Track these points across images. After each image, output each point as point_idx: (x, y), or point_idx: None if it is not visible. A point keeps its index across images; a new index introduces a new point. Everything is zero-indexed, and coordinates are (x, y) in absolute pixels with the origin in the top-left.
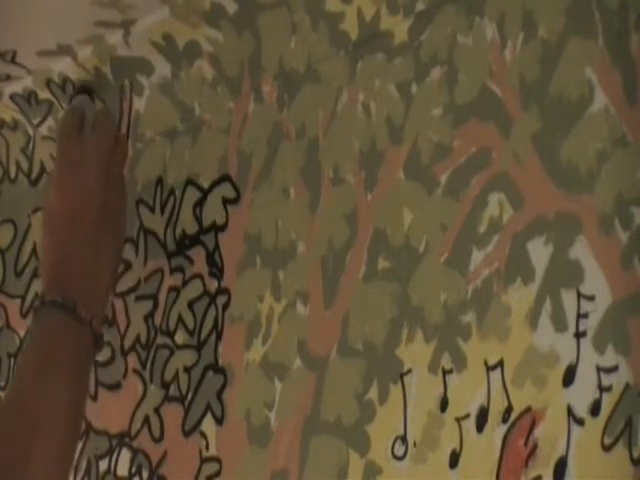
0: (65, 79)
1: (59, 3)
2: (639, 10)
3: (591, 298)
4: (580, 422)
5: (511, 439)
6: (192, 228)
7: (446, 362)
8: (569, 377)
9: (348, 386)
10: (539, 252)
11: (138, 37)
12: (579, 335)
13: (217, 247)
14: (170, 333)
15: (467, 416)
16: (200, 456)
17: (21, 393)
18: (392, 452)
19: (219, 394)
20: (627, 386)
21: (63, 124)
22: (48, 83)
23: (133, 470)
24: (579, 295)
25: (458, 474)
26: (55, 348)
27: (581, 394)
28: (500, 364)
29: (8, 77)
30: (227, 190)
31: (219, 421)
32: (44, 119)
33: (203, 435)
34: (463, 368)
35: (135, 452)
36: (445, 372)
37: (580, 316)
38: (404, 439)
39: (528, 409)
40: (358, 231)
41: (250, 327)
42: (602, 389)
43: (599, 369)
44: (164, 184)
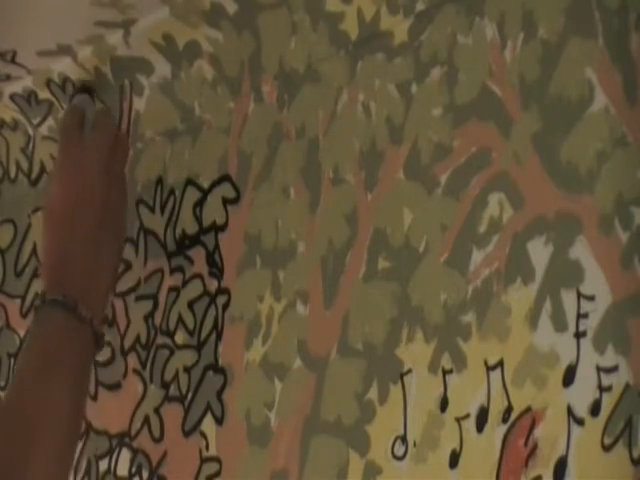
0: (65, 79)
1: (59, 3)
2: (639, 10)
3: (591, 298)
4: (580, 422)
5: (511, 439)
6: (192, 228)
7: (446, 362)
8: (569, 377)
9: (348, 386)
10: (539, 252)
11: (138, 37)
12: (579, 335)
13: (217, 247)
14: (170, 333)
15: (467, 416)
16: (200, 456)
17: (21, 393)
18: (392, 452)
19: (219, 394)
20: (627, 386)
21: (64, 123)
22: (48, 83)
23: (133, 470)
24: (579, 295)
25: (458, 474)
26: (56, 347)
27: (581, 394)
28: (500, 364)
29: (8, 77)
30: (227, 190)
31: (219, 421)
32: (44, 119)
33: (203, 435)
34: (463, 368)
35: (135, 452)
36: (445, 372)
37: (580, 316)
38: (404, 439)
39: (528, 409)
40: (358, 231)
41: (250, 327)
42: (602, 389)
43: (599, 369)
44: (164, 184)
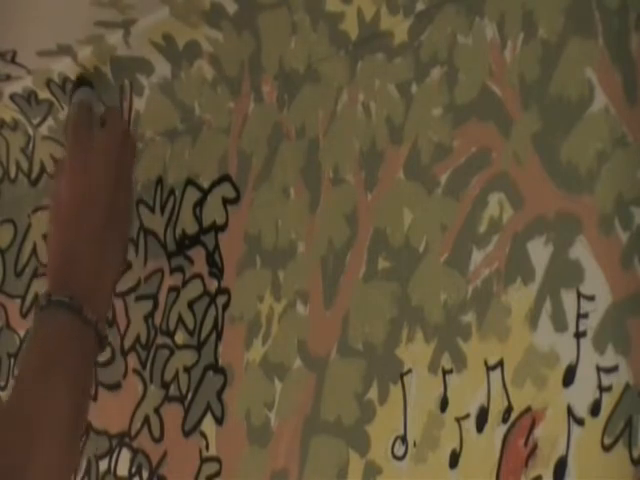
0: (65, 79)
1: (59, 3)
2: (639, 10)
3: (591, 298)
4: (580, 422)
5: (511, 439)
6: (192, 228)
7: (446, 362)
8: (569, 377)
9: (348, 386)
10: (539, 252)
11: (138, 37)
12: (579, 335)
13: (217, 247)
14: (170, 333)
15: (467, 416)
16: (200, 456)
17: (21, 393)
18: (392, 452)
19: (219, 394)
20: (627, 386)
21: (73, 121)
22: (48, 83)
23: (133, 470)
24: (579, 295)
25: (458, 474)
26: (58, 349)
27: (581, 394)
28: (500, 364)
29: (8, 77)
30: (227, 190)
31: (219, 421)
32: (44, 119)
33: (203, 435)
34: (463, 368)
35: (135, 452)
36: (445, 372)
37: (580, 316)
38: (404, 439)
39: (528, 409)
40: (358, 231)
41: (250, 327)
42: (602, 389)
43: (599, 369)
44: (164, 184)
